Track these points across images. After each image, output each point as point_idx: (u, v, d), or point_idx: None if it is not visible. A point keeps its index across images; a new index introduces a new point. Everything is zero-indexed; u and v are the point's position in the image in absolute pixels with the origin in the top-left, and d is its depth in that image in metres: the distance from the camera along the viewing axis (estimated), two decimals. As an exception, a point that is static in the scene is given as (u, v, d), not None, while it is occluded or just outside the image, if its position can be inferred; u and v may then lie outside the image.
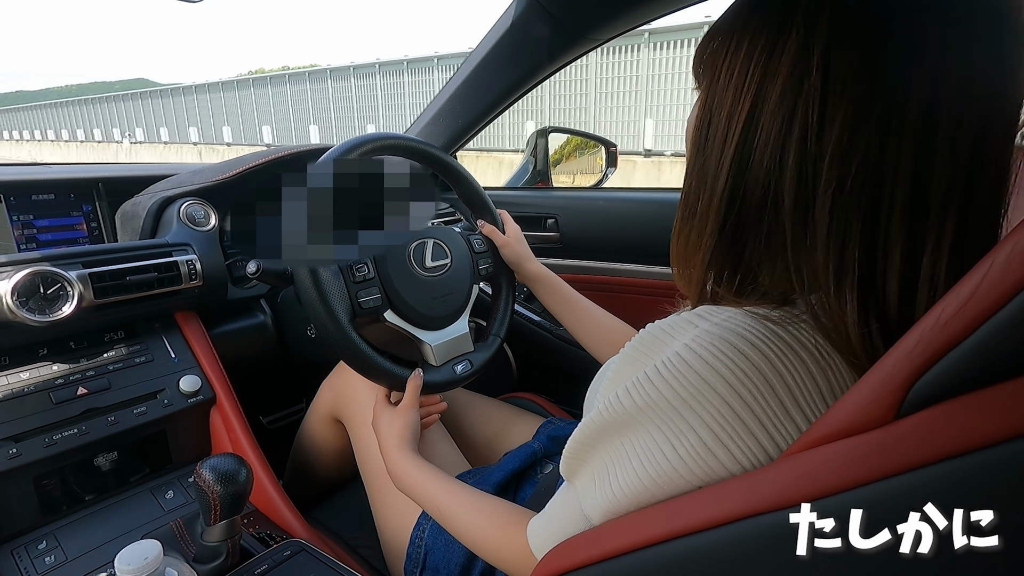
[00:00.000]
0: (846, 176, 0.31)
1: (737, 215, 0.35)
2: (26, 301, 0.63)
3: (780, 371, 0.31)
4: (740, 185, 0.35)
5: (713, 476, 0.32)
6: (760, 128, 0.33)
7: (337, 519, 0.79)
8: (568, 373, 1.11)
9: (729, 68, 0.35)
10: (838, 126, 0.31)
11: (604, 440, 0.37)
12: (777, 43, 0.33)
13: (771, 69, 0.33)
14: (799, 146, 0.32)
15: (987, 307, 0.21)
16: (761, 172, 0.34)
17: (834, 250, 0.32)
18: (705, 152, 0.37)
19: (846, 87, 0.31)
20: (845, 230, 0.32)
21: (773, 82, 0.33)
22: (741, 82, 0.34)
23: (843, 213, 0.32)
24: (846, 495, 0.24)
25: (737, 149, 0.35)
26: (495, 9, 0.89)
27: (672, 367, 0.32)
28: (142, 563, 0.42)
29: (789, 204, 0.33)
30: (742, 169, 0.35)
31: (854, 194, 0.31)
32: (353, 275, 0.68)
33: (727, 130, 0.35)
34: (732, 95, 0.35)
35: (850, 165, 0.31)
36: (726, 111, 0.35)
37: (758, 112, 0.33)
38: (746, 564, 0.28)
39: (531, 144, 1.33)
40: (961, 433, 0.21)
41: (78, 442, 0.65)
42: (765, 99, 0.33)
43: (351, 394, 0.79)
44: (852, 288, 0.32)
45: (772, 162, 0.33)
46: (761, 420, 0.31)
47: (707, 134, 0.37)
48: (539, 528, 0.45)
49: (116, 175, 0.92)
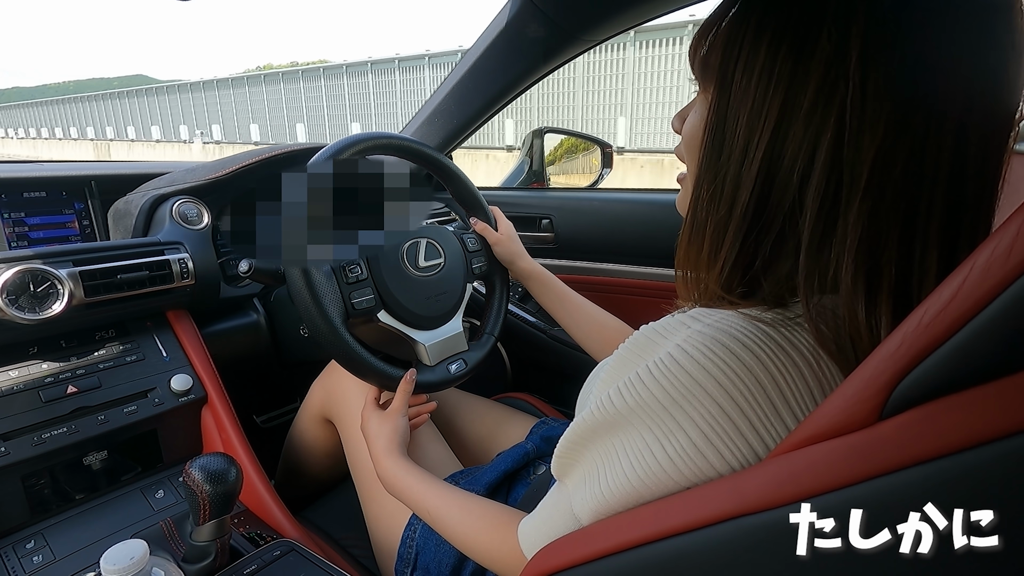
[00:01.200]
0: (887, 183, 0.30)
1: (759, 223, 0.34)
2: (16, 299, 0.63)
3: (772, 372, 0.31)
4: (767, 194, 0.33)
5: (702, 477, 0.32)
6: (790, 135, 0.32)
7: (328, 519, 0.79)
8: (562, 373, 1.11)
9: (747, 70, 0.33)
10: (881, 131, 0.30)
11: (595, 440, 0.37)
12: (805, 45, 0.31)
13: (800, 73, 0.31)
14: (833, 152, 0.31)
15: (968, 309, 0.21)
16: (789, 181, 0.32)
17: (867, 256, 0.31)
18: (721, 160, 0.35)
19: (888, 90, 0.30)
20: (881, 235, 0.31)
21: (804, 87, 0.31)
22: (766, 85, 0.32)
23: (880, 219, 0.31)
24: (830, 496, 0.24)
25: (764, 157, 0.33)
26: (487, 8, 0.89)
27: (663, 367, 0.32)
28: (128, 563, 0.41)
29: (813, 210, 0.32)
30: (770, 179, 0.33)
31: (895, 200, 0.30)
32: (346, 276, 0.68)
33: (749, 138, 0.33)
34: (754, 99, 0.33)
35: (893, 171, 0.30)
36: (746, 117, 0.33)
37: (788, 117, 0.32)
38: (732, 564, 0.28)
39: (527, 144, 1.33)
40: (943, 435, 0.22)
41: (67, 441, 0.64)
42: (795, 105, 0.32)
43: (342, 394, 0.79)
44: (888, 293, 0.31)
45: (800, 169, 0.32)
46: (751, 421, 0.31)
47: (722, 141, 0.35)
48: (530, 528, 0.45)
49: (108, 173, 0.92)
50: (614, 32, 0.89)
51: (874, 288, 0.31)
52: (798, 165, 0.32)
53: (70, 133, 17.27)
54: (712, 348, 0.31)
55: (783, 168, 0.33)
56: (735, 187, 0.35)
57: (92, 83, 76.24)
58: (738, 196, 0.34)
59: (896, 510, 0.23)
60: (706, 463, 0.31)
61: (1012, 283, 0.20)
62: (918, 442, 0.22)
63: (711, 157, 0.36)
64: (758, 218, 0.34)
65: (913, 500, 0.22)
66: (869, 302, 0.31)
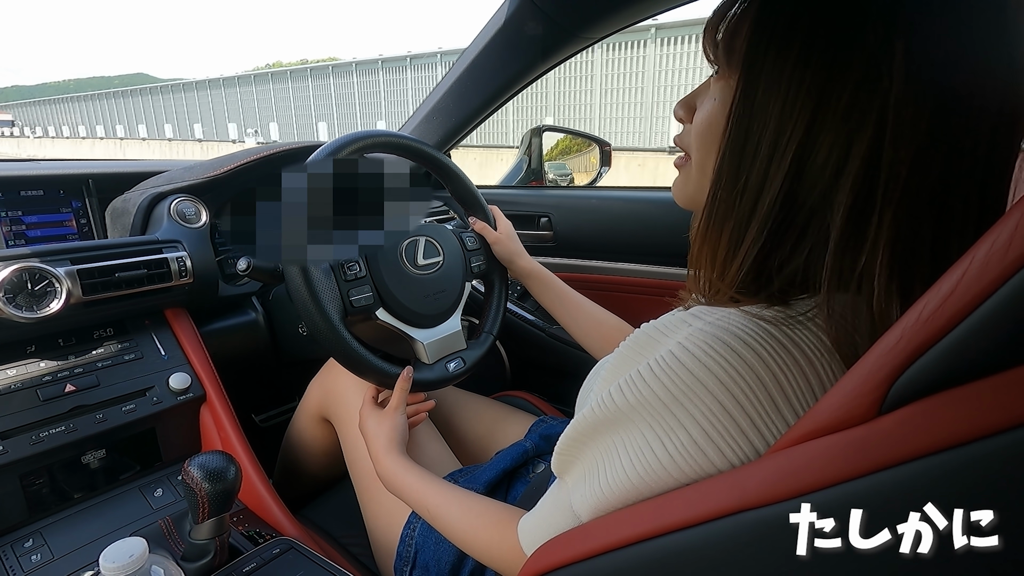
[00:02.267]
0: (924, 183, 0.30)
1: (784, 220, 0.33)
2: (13, 297, 0.63)
3: (773, 370, 0.31)
4: (796, 189, 0.32)
5: (702, 474, 0.32)
6: (824, 132, 0.31)
7: (327, 517, 0.79)
8: (561, 372, 1.11)
9: (777, 61, 0.32)
10: (922, 132, 0.29)
11: (596, 437, 0.37)
12: (846, 36, 0.30)
13: (838, 68, 0.30)
14: (869, 151, 0.30)
15: (967, 303, 0.21)
16: (821, 176, 0.31)
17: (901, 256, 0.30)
18: (745, 153, 0.34)
19: (930, 90, 0.29)
20: (916, 236, 0.30)
21: (843, 81, 0.30)
22: (799, 79, 0.31)
23: (916, 219, 0.30)
24: (830, 491, 0.24)
25: (796, 153, 0.31)
26: (496, 4, 0.89)
27: (665, 365, 0.32)
28: (127, 560, 0.41)
29: (845, 208, 0.31)
30: (800, 173, 0.32)
31: (931, 201, 0.30)
32: (344, 273, 0.68)
33: (780, 132, 0.32)
34: (787, 93, 0.31)
35: (931, 171, 0.30)
36: (777, 110, 0.32)
37: (822, 115, 0.31)
38: (732, 560, 0.28)
39: (525, 143, 1.33)
40: (943, 429, 0.22)
41: (66, 440, 0.64)
42: (832, 100, 0.30)
43: (340, 393, 0.78)
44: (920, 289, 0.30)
45: (833, 168, 0.31)
46: (752, 418, 0.31)
47: (747, 133, 0.34)
48: (530, 525, 0.45)
49: (106, 171, 0.92)
50: (612, 30, 0.89)
51: (907, 288, 0.31)
52: (831, 162, 0.31)
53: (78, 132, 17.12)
54: (713, 346, 0.31)
55: (815, 165, 0.31)
56: (761, 181, 0.33)
57: (93, 81, 75.97)
58: (764, 191, 0.33)
59: (896, 505, 0.23)
60: (706, 460, 0.31)
61: (1011, 277, 0.20)
62: (917, 437, 0.22)
63: (735, 149, 0.34)
64: (784, 214, 0.33)
65: (913, 495, 0.22)
66: (903, 302, 0.30)
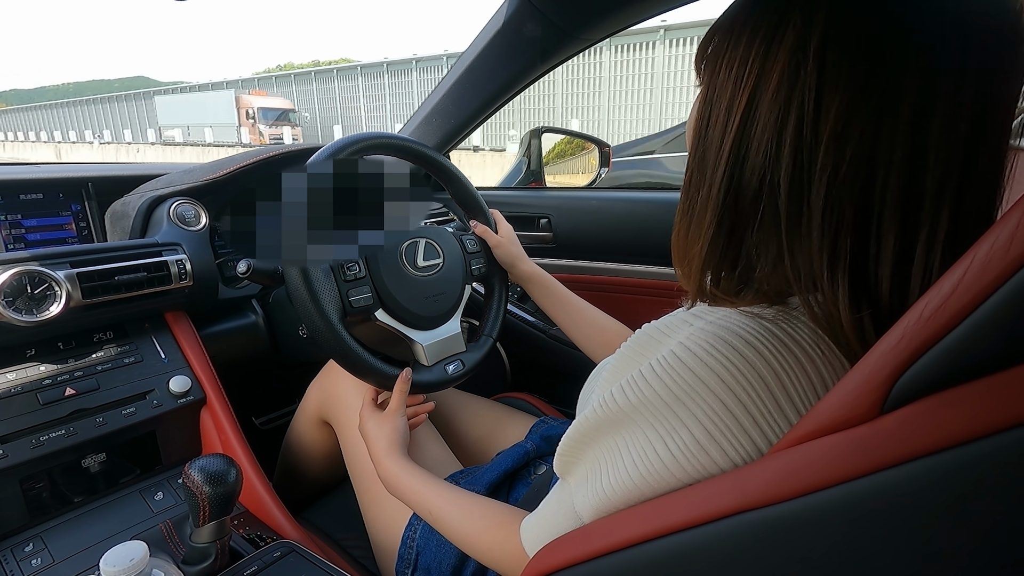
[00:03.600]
0: (840, 162, 0.32)
1: (734, 204, 0.36)
2: (13, 301, 0.62)
3: (774, 368, 0.31)
4: (737, 174, 0.35)
5: (704, 474, 0.32)
6: (758, 117, 0.34)
7: (328, 520, 0.79)
8: (561, 373, 1.11)
9: (729, 62, 0.36)
10: (833, 115, 0.31)
11: (598, 438, 0.37)
12: (775, 36, 0.33)
13: (769, 60, 0.33)
14: (795, 134, 0.33)
15: (969, 302, 0.21)
16: (758, 160, 0.34)
17: (828, 236, 0.32)
18: (704, 144, 0.37)
19: (841, 78, 0.31)
20: (839, 216, 0.32)
21: (771, 73, 0.33)
22: (741, 74, 0.35)
23: (837, 199, 0.32)
24: (832, 491, 0.24)
25: (735, 138, 0.35)
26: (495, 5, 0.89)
27: (667, 365, 0.33)
28: (128, 564, 0.41)
29: (785, 192, 0.33)
30: (740, 158, 0.35)
31: (848, 181, 0.32)
32: (344, 274, 0.68)
33: (726, 120, 0.35)
34: (732, 87, 0.35)
35: (844, 152, 0.32)
36: (725, 102, 0.36)
37: (756, 102, 0.34)
38: (735, 560, 0.28)
39: (524, 144, 1.33)
40: (945, 428, 0.22)
41: (66, 443, 0.64)
42: (763, 89, 0.34)
43: (339, 396, 0.78)
44: (844, 273, 0.32)
45: (769, 150, 0.34)
46: (755, 417, 0.31)
47: (707, 126, 0.37)
48: (532, 526, 0.45)
49: (105, 174, 0.92)
50: (610, 31, 0.89)
51: (833, 265, 0.32)
52: (763, 148, 0.34)
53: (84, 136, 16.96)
54: (715, 345, 0.32)
55: (751, 150, 0.34)
56: (713, 169, 0.36)
57: (92, 85, 75.69)
58: (714, 178, 0.36)
59: (898, 504, 0.23)
60: (709, 460, 0.31)
61: (1012, 276, 0.20)
62: (920, 436, 0.22)
63: (697, 143, 0.38)
64: (728, 196, 0.36)
65: (916, 494, 0.22)
66: (831, 279, 0.32)
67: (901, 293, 0.32)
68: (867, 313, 0.32)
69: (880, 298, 0.32)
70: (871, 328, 0.31)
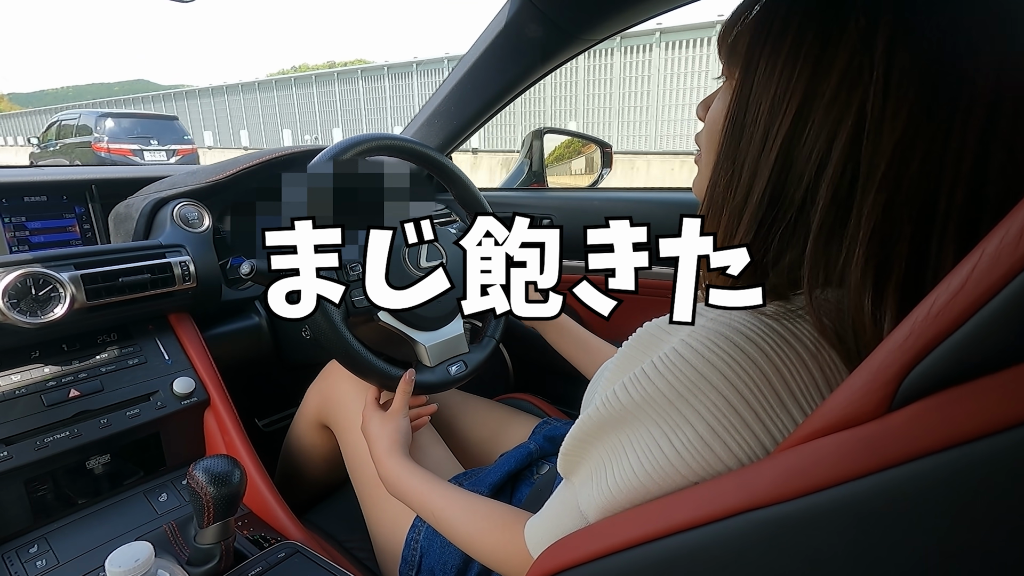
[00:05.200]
0: (904, 176, 0.30)
1: (774, 210, 0.34)
2: (17, 303, 0.63)
3: (776, 364, 0.31)
4: (783, 182, 0.33)
5: (709, 471, 0.32)
6: (810, 124, 0.32)
7: (332, 521, 0.79)
8: (565, 374, 1.10)
9: (771, 58, 0.33)
10: (901, 125, 0.30)
11: (601, 436, 0.37)
12: (831, 33, 0.31)
13: (824, 61, 0.31)
14: (851, 143, 0.31)
15: (978, 298, 0.21)
16: (806, 170, 0.32)
17: (878, 249, 0.31)
18: (740, 146, 0.35)
19: (911, 83, 0.30)
20: (894, 230, 0.31)
21: (827, 76, 0.31)
22: (788, 74, 0.32)
23: (894, 213, 0.30)
24: (840, 488, 0.24)
25: (783, 146, 0.33)
26: (477, 11, 0.89)
27: (669, 362, 0.32)
28: (133, 565, 0.41)
29: (826, 200, 0.32)
30: (787, 166, 0.33)
31: (911, 195, 0.30)
32: (347, 274, 0.68)
33: (770, 125, 0.33)
34: (777, 87, 0.33)
35: (910, 165, 0.30)
36: (767, 104, 0.33)
37: (808, 107, 0.32)
38: (741, 559, 0.28)
39: (527, 145, 1.33)
40: (954, 425, 0.21)
41: (70, 445, 0.64)
42: (816, 93, 0.32)
43: (339, 399, 0.78)
44: (896, 288, 0.30)
45: (817, 159, 0.32)
46: (757, 413, 0.31)
47: (743, 127, 0.35)
48: (537, 527, 0.45)
49: (109, 177, 0.92)
50: (613, 31, 0.89)
51: (882, 282, 0.31)
52: (815, 155, 0.32)
53: None
54: (716, 342, 0.31)
55: (800, 157, 0.33)
56: (752, 174, 0.34)
57: (92, 88, 75.53)
58: (755, 184, 0.34)
59: (907, 502, 0.23)
60: (713, 456, 0.31)
61: (1021, 271, 0.20)
62: (928, 433, 0.22)
63: (731, 143, 0.36)
64: (772, 207, 0.34)
65: (925, 492, 0.22)
66: (876, 295, 0.31)
67: None
68: None
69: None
70: None
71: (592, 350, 0.77)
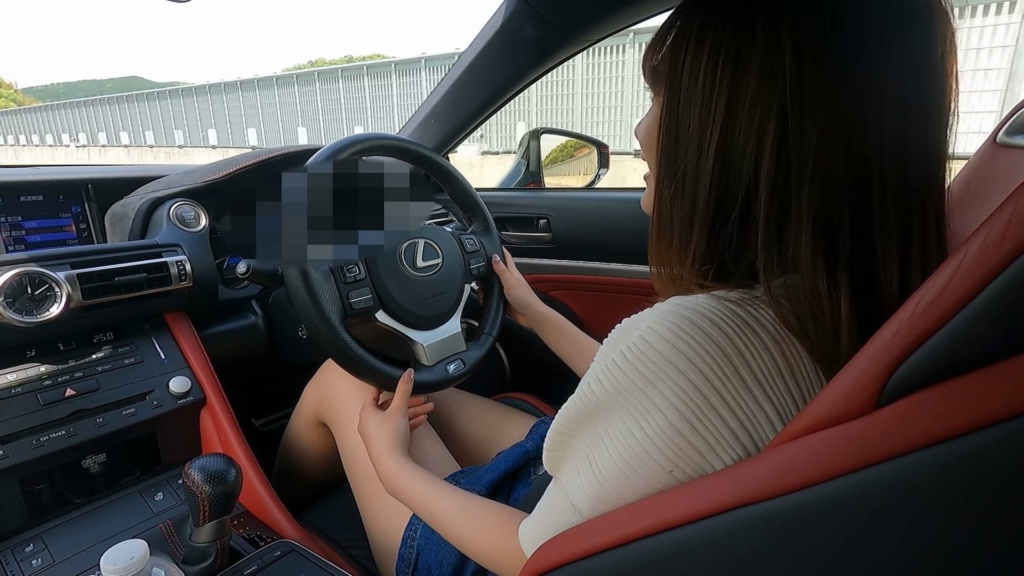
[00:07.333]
0: (833, 164, 0.32)
1: (721, 212, 0.36)
2: (13, 302, 0.63)
3: (739, 347, 0.32)
4: (724, 184, 0.35)
5: (683, 456, 0.32)
6: (739, 126, 0.34)
7: (328, 520, 0.79)
8: (561, 373, 1.11)
9: (692, 71, 0.36)
10: (820, 117, 0.32)
11: (580, 429, 0.38)
12: (743, 41, 0.33)
13: (741, 67, 0.34)
14: (778, 140, 0.33)
15: (963, 295, 0.21)
16: (743, 169, 0.34)
17: (823, 234, 0.33)
18: (678, 157, 0.37)
19: (825, 76, 0.32)
20: (834, 213, 0.33)
21: (746, 80, 0.33)
22: (711, 82, 0.35)
23: (831, 198, 0.32)
24: (830, 484, 0.25)
25: (717, 151, 0.35)
26: (488, 8, 0.89)
27: (636, 349, 0.33)
28: (128, 563, 0.41)
29: (766, 194, 0.34)
30: (725, 170, 0.35)
31: (843, 179, 0.32)
32: (344, 276, 0.68)
33: (702, 133, 0.36)
34: (703, 97, 0.35)
35: (837, 152, 0.32)
36: (697, 115, 0.36)
37: (734, 111, 0.34)
38: (733, 554, 0.28)
39: (523, 145, 1.34)
40: (942, 420, 0.22)
41: (66, 444, 0.64)
42: (740, 96, 0.34)
43: (336, 397, 0.78)
44: (847, 268, 0.32)
45: (751, 157, 0.34)
46: (723, 395, 0.31)
47: (677, 139, 0.37)
48: (530, 528, 0.45)
49: (105, 176, 0.92)
50: (609, 31, 0.89)
51: (832, 265, 0.33)
52: (748, 154, 0.34)
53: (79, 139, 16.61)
54: (680, 325, 0.32)
55: (736, 158, 0.35)
56: (695, 182, 0.37)
57: (83, 85, 75.15)
58: (699, 190, 0.36)
59: (896, 497, 0.23)
60: (684, 440, 0.32)
61: (1005, 268, 0.20)
62: (916, 429, 0.22)
63: (668, 155, 0.38)
64: (720, 208, 0.36)
65: (913, 487, 0.22)
66: (829, 278, 0.32)
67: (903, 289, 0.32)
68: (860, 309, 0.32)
69: (884, 296, 0.32)
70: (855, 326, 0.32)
71: (586, 350, 0.78)
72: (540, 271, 1.15)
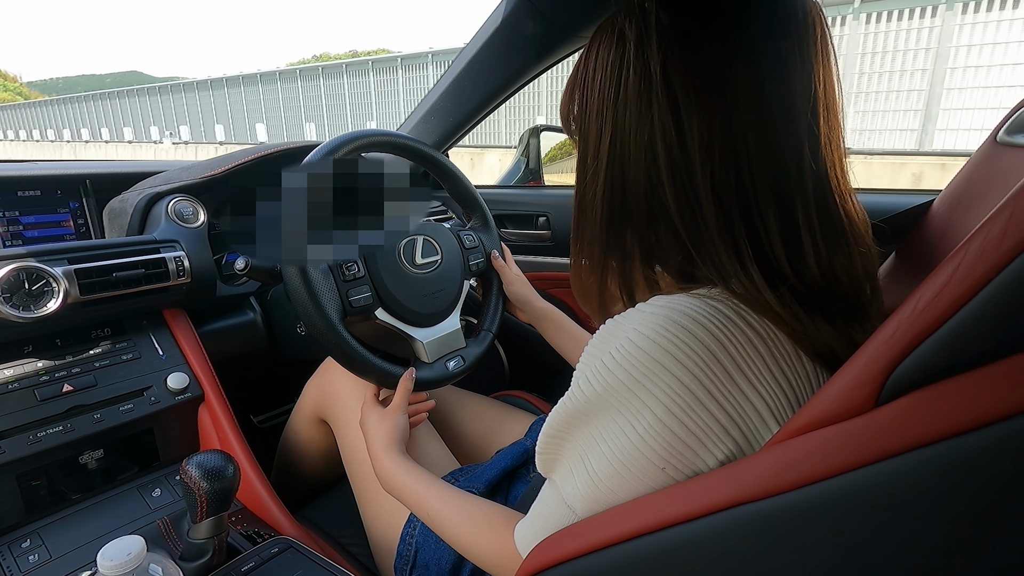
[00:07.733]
0: (715, 167, 0.36)
1: (619, 231, 0.40)
2: (10, 297, 0.62)
3: (724, 343, 0.33)
4: (618, 203, 0.40)
5: (674, 454, 0.33)
6: (629, 151, 0.38)
7: (326, 517, 0.79)
8: (560, 371, 1.11)
9: (586, 113, 0.41)
10: (696, 132, 0.35)
11: (572, 431, 0.38)
12: (620, 78, 0.37)
13: (620, 102, 0.38)
14: (666, 156, 0.37)
15: (962, 294, 0.21)
16: (639, 189, 0.38)
17: (726, 234, 0.36)
18: (584, 182, 0.42)
19: (691, 97, 0.35)
20: (728, 213, 0.36)
21: (624, 110, 0.38)
22: (600, 122, 0.39)
23: (723, 198, 0.36)
24: (829, 483, 0.24)
25: (607, 174, 0.39)
26: (492, 1, 0.89)
27: (624, 351, 0.34)
28: (125, 559, 0.41)
29: (674, 207, 0.37)
30: (615, 189, 0.39)
31: (727, 180, 0.36)
32: (343, 273, 0.68)
33: (597, 160, 0.40)
34: (595, 129, 0.40)
35: (714, 158, 0.36)
36: (592, 143, 0.40)
37: (620, 138, 0.38)
38: (731, 552, 0.28)
39: (523, 143, 1.33)
40: (941, 419, 0.22)
41: (63, 440, 0.64)
42: (624, 126, 0.38)
43: (336, 394, 0.78)
44: (751, 260, 0.35)
45: (648, 175, 0.38)
46: (711, 391, 0.32)
47: (584, 167, 0.42)
48: (526, 529, 0.45)
49: (104, 172, 0.92)
50: (610, 29, 0.89)
51: (743, 261, 0.36)
52: (642, 175, 0.38)
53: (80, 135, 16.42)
54: (665, 326, 0.33)
55: (629, 180, 0.39)
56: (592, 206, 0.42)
57: (82, 80, 74.86)
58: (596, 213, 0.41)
59: (895, 495, 0.23)
60: (675, 437, 0.33)
61: (1004, 268, 0.20)
62: (915, 427, 0.22)
63: (578, 184, 0.43)
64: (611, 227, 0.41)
65: (911, 485, 0.22)
66: (744, 274, 0.35)
67: (797, 260, 0.36)
68: (785, 288, 0.34)
69: (783, 271, 0.35)
70: (792, 300, 0.34)
71: None
72: (539, 269, 1.15)
